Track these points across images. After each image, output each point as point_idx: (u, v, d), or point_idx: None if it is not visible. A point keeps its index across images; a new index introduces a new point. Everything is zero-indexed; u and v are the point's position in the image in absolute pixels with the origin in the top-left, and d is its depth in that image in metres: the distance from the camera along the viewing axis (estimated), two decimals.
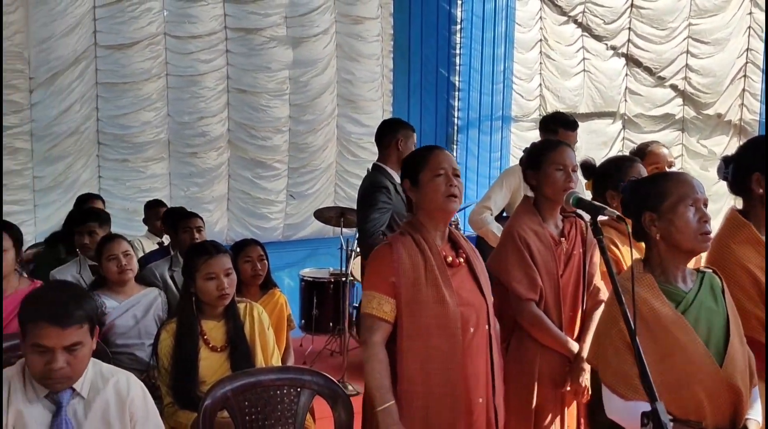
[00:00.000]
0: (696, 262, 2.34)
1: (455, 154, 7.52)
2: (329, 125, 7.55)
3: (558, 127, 4.09)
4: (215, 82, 6.89)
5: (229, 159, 7.13)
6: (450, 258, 2.36)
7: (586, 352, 2.62)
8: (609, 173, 2.93)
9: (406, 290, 2.29)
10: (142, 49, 6.50)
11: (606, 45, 8.47)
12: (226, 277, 2.85)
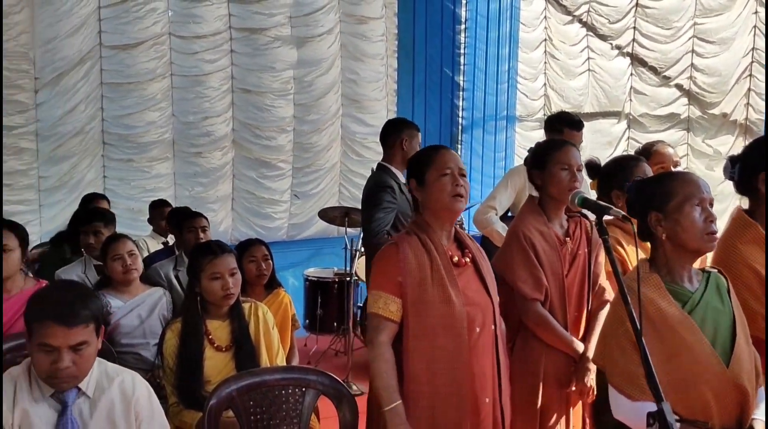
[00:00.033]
0: (701, 262, 2.33)
1: (459, 154, 7.51)
2: (333, 125, 7.56)
3: (563, 126, 4.07)
4: (220, 82, 6.91)
5: (234, 159, 7.14)
6: (456, 258, 2.36)
7: (592, 352, 2.62)
8: (614, 173, 2.92)
9: (412, 290, 2.28)
10: (147, 49, 6.52)
11: (611, 44, 8.46)
12: (231, 277, 2.85)
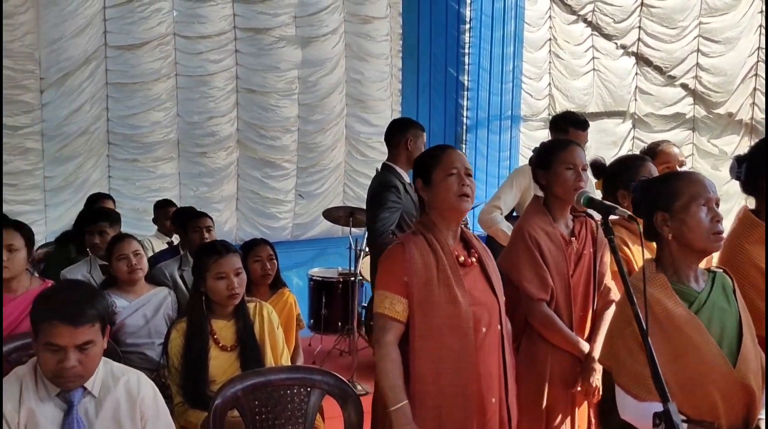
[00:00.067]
0: (707, 262, 2.33)
1: (464, 154, 7.50)
2: (338, 125, 7.56)
3: (569, 126, 4.07)
4: (224, 82, 6.91)
5: (239, 159, 7.15)
6: (462, 257, 2.36)
7: (597, 353, 2.62)
8: (619, 173, 2.91)
9: (419, 290, 2.28)
10: (152, 50, 6.52)
11: (616, 44, 8.44)
12: (236, 277, 2.85)
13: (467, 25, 7.63)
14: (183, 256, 4.05)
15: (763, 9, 8.70)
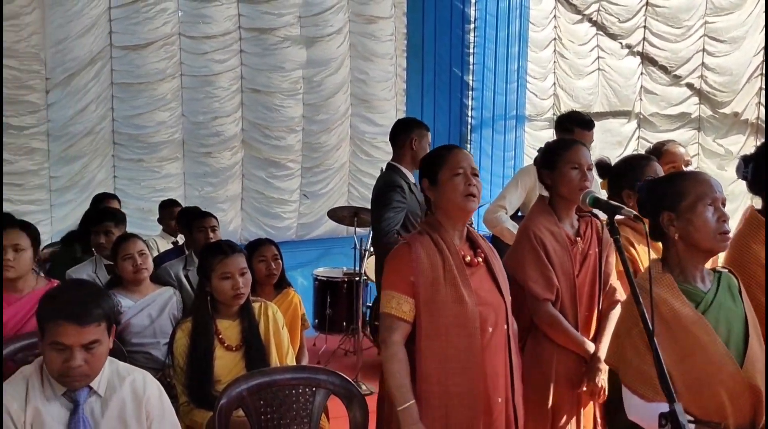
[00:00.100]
0: (713, 262, 2.32)
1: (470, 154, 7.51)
2: (343, 125, 7.57)
3: (574, 126, 4.05)
4: (229, 82, 6.93)
5: (243, 159, 7.16)
6: (468, 257, 2.36)
7: (603, 353, 2.61)
8: (625, 172, 2.90)
9: (425, 290, 2.28)
10: (157, 50, 6.55)
11: (621, 44, 8.42)
12: (241, 277, 2.85)
13: (472, 25, 7.63)
14: (188, 256, 4.06)
15: (764, 9, 8.67)
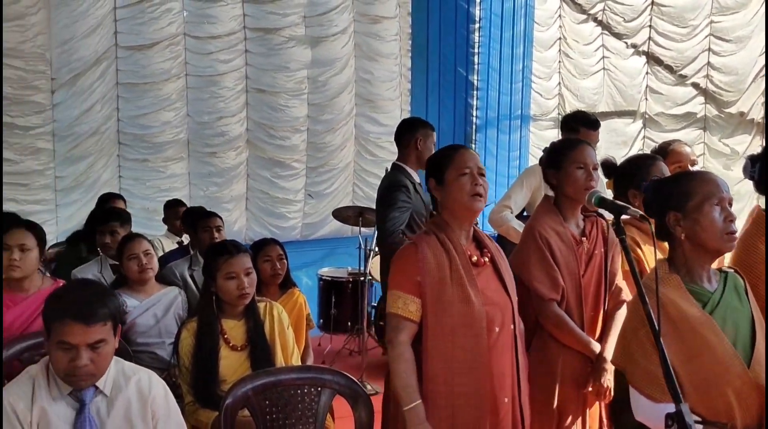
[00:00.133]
0: (719, 263, 2.31)
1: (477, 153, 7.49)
2: (347, 125, 7.56)
3: (579, 126, 4.05)
4: (234, 82, 6.93)
5: (248, 158, 7.16)
6: (475, 257, 2.36)
7: (608, 353, 2.60)
8: (631, 172, 2.89)
9: (432, 289, 2.28)
10: (162, 50, 6.55)
11: (626, 43, 8.40)
12: (247, 277, 2.85)
13: (477, 25, 7.62)
14: (193, 256, 4.06)
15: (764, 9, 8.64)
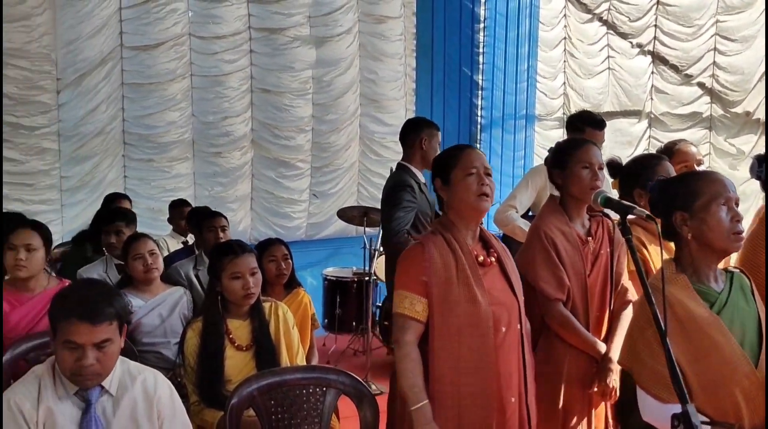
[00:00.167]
0: (725, 263, 2.30)
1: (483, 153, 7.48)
2: (352, 124, 7.56)
3: (585, 126, 4.04)
4: (239, 82, 6.94)
5: (253, 158, 7.17)
6: (481, 257, 2.35)
7: (614, 353, 2.60)
8: (636, 172, 2.89)
9: (438, 289, 2.28)
10: (167, 50, 6.56)
11: (631, 43, 8.38)
12: (252, 277, 2.86)
13: (481, 24, 7.61)
14: (198, 256, 4.07)
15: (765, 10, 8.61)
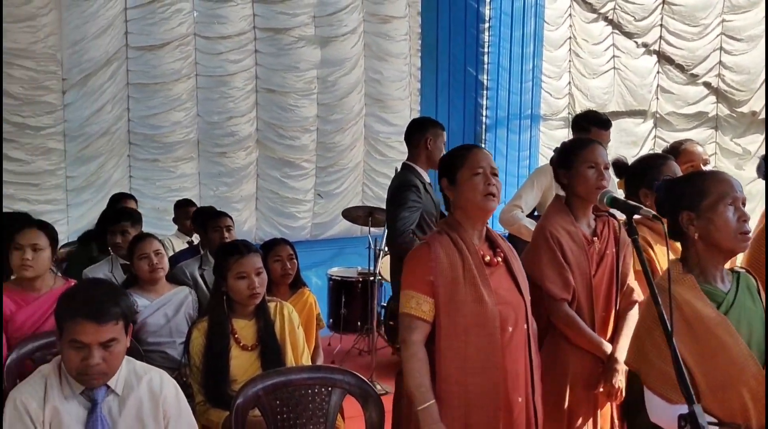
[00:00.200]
0: (731, 263, 2.29)
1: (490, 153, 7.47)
2: (357, 124, 7.56)
3: (591, 125, 4.03)
4: (244, 82, 6.94)
5: (258, 158, 7.17)
6: (488, 257, 2.35)
7: (620, 353, 2.59)
8: (642, 172, 2.88)
9: (445, 289, 2.28)
10: (173, 50, 6.57)
11: (637, 42, 8.36)
12: (257, 277, 2.86)
13: (486, 24, 7.61)
14: (203, 256, 4.07)
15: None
